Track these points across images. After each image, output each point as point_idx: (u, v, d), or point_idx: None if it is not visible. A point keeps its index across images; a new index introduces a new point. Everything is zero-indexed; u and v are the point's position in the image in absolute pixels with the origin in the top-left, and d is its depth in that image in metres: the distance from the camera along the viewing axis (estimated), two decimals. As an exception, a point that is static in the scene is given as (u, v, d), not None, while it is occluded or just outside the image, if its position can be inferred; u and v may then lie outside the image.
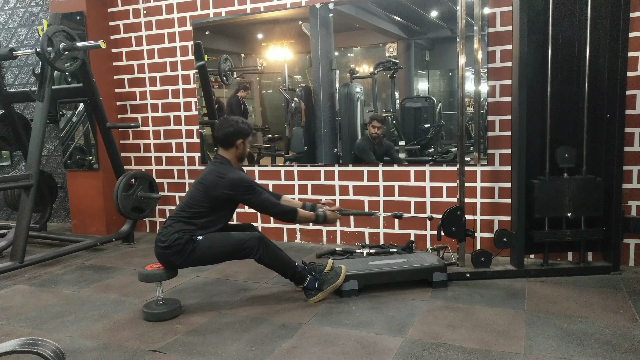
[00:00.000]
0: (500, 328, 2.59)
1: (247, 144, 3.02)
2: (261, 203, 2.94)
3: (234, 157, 3.00)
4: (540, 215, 3.27)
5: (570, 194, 3.22)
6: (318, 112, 4.36)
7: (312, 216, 3.07)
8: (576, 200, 3.23)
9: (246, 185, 2.90)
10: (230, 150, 2.99)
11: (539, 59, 3.28)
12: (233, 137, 2.95)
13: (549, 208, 3.25)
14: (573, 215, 3.23)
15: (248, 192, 2.90)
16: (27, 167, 3.90)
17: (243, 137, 2.97)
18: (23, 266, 3.79)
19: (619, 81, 3.18)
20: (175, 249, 2.81)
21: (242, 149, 3.00)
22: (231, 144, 2.97)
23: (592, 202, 3.24)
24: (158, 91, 4.89)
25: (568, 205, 3.23)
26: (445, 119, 4.27)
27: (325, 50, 4.29)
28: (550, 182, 3.25)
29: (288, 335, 2.59)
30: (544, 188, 3.24)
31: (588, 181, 3.24)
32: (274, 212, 2.99)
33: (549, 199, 3.24)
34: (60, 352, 1.48)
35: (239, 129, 2.95)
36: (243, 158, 3.06)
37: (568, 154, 3.24)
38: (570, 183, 3.22)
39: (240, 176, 2.92)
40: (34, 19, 5.53)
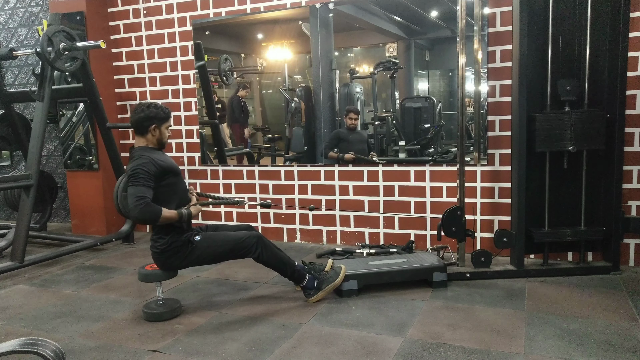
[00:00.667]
0: (500, 328, 2.59)
1: (163, 130, 2.83)
2: (130, 194, 2.63)
3: (152, 144, 2.83)
4: (542, 149, 3.23)
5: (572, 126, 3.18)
6: (318, 112, 4.36)
7: (175, 215, 2.74)
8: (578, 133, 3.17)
9: (132, 172, 2.67)
10: (147, 137, 2.82)
11: (539, 59, 3.28)
12: (146, 123, 2.79)
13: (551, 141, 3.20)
14: (575, 148, 3.18)
15: (130, 179, 2.66)
16: (27, 167, 3.90)
17: (157, 123, 2.80)
18: (23, 266, 3.78)
19: (619, 81, 3.18)
20: (171, 252, 2.80)
21: (159, 134, 2.83)
22: (145, 129, 2.80)
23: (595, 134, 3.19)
24: (158, 91, 4.89)
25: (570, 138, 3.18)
26: (445, 119, 4.27)
27: (325, 50, 4.29)
28: (551, 114, 3.20)
29: (288, 335, 2.59)
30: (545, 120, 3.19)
31: (590, 113, 3.18)
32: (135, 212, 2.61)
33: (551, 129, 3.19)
34: (60, 352, 1.48)
35: (150, 114, 2.78)
36: (163, 144, 2.87)
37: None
38: (572, 116, 3.18)
39: (135, 163, 2.70)
40: (34, 19, 5.53)
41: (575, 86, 3.21)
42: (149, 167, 2.70)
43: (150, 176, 2.69)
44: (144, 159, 2.72)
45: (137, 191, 2.63)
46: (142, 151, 2.79)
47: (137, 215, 2.64)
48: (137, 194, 2.62)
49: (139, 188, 2.64)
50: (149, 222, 2.75)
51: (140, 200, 2.61)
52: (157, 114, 2.80)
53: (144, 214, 2.63)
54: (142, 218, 2.68)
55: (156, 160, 2.76)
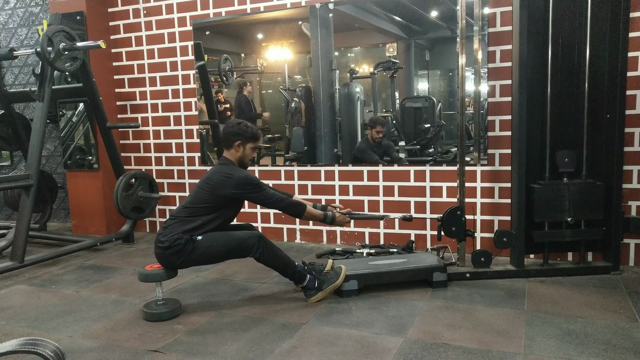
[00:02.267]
0: (500, 328, 2.59)
1: (247, 148, 3.00)
2: (268, 198, 2.96)
3: (235, 160, 3.01)
4: (540, 219, 3.28)
5: (570, 198, 3.22)
6: (318, 112, 4.36)
7: (321, 215, 3.10)
8: (576, 204, 3.22)
9: (253, 184, 2.94)
10: (230, 152, 3.01)
11: (539, 59, 3.28)
12: (232, 138, 2.98)
13: (549, 211, 3.25)
14: (573, 219, 3.24)
15: (254, 190, 2.93)
16: (27, 167, 3.90)
17: (242, 140, 2.97)
18: (23, 266, 3.78)
19: (619, 81, 3.18)
20: (174, 249, 2.81)
21: (242, 152, 3.00)
22: (230, 144, 2.99)
23: (592, 205, 3.23)
24: (158, 91, 4.89)
25: (568, 209, 3.22)
26: (445, 119, 4.27)
27: (325, 50, 4.29)
28: (550, 186, 3.25)
29: (288, 335, 2.59)
30: (543, 192, 3.23)
31: (588, 185, 3.23)
32: (281, 205, 3.00)
33: (549, 202, 3.23)
34: (60, 352, 1.48)
35: (239, 130, 2.97)
36: (244, 163, 3.04)
37: (568, 158, 3.24)
38: (570, 187, 3.22)
39: (246, 175, 2.95)
40: (34, 19, 5.53)
41: (574, 158, 3.24)
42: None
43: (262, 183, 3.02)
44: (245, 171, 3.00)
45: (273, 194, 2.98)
46: (234, 164, 3.00)
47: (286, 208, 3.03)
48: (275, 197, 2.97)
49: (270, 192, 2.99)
50: (295, 214, 3.06)
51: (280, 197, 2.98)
52: (245, 132, 2.98)
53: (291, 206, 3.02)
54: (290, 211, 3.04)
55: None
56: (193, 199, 2.97)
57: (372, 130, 4.21)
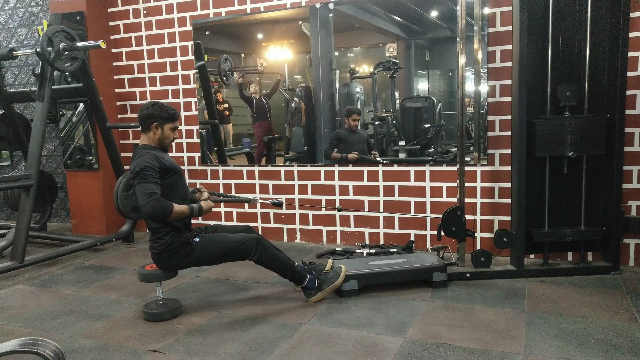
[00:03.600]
0: (500, 328, 2.59)
1: (166, 129, 2.84)
2: (139, 192, 2.65)
3: (153, 143, 2.85)
4: (542, 154, 3.24)
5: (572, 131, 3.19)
6: (318, 112, 4.36)
7: (187, 210, 2.78)
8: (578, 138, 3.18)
9: (138, 169, 2.68)
10: (149, 135, 2.85)
11: (539, 59, 3.28)
12: (148, 120, 2.82)
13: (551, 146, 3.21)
14: (574, 153, 3.19)
15: (136, 176, 2.67)
16: (27, 167, 3.90)
17: (159, 121, 2.82)
18: (23, 266, 3.78)
19: (619, 81, 3.18)
20: (170, 252, 2.80)
21: (160, 134, 2.84)
22: (147, 127, 2.84)
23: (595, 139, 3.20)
24: (158, 91, 4.89)
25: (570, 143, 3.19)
26: (445, 119, 4.28)
27: (325, 50, 4.29)
28: (551, 120, 3.21)
29: (288, 335, 2.59)
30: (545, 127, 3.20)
31: (590, 119, 3.19)
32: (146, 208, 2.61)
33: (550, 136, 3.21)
34: (60, 352, 1.48)
35: (153, 112, 2.81)
36: (164, 145, 2.87)
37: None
38: (572, 121, 3.19)
39: (140, 159, 2.72)
40: (34, 19, 5.53)
41: (575, 91, 3.21)
42: (154, 163, 2.71)
43: (156, 172, 2.71)
44: (148, 156, 2.74)
45: (145, 188, 2.63)
46: (144, 149, 2.82)
47: (149, 211, 2.63)
48: (146, 190, 2.63)
49: (147, 185, 2.64)
50: (160, 218, 2.69)
51: (150, 196, 2.62)
52: (160, 113, 2.82)
53: (155, 209, 2.62)
54: (153, 214, 2.65)
55: (158, 157, 2.78)
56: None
57: (349, 119, 4.33)
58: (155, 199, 2.62)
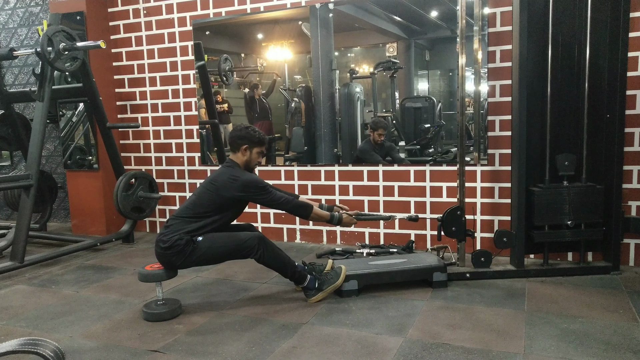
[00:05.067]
0: (500, 328, 2.59)
1: (254, 153, 3.02)
2: (275, 200, 2.97)
3: (241, 163, 3.03)
4: (540, 222, 3.28)
5: (570, 201, 3.22)
6: (318, 112, 4.36)
7: (327, 216, 3.09)
8: (576, 207, 3.22)
9: (259, 186, 2.95)
10: (237, 155, 3.03)
11: (539, 59, 3.28)
12: (239, 141, 3.00)
13: (549, 215, 3.25)
14: (573, 222, 3.24)
15: (260, 192, 2.95)
16: (27, 167, 3.90)
17: (248, 144, 2.99)
18: (23, 266, 3.78)
19: (619, 81, 3.18)
20: (175, 250, 2.81)
21: (248, 156, 3.02)
22: (237, 147, 3.01)
23: (592, 209, 3.24)
24: (158, 91, 4.89)
25: (568, 213, 3.22)
26: (445, 119, 4.28)
27: (325, 50, 4.29)
28: (549, 190, 3.24)
29: (288, 335, 2.59)
30: (543, 196, 3.23)
31: (588, 189, 3.23)
32: (288, 207, 3.00)
33: (549, 206, 3.24)
34: (60, 352, 1.48)
35: (246, 134, 3.00)
36: (249, 167, 3.06)
37: (568, 162, 3.24)
38: (570, 191, 3.22)
39: (252, 178, 2.97)
40: (34, 19, 5.53)
41: (574, 161, 3.23)
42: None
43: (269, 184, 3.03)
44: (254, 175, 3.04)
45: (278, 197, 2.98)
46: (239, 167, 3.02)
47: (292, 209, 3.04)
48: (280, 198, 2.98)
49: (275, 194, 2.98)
50: (302, 215, 3.06)
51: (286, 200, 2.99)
52: (252, 136, 3.00)
53: (297, 207, 3.02)
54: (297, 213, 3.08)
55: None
56: (197, 199, 2.97)
57: (374, 133, 4.22)
58: (292, 200, 3.02)
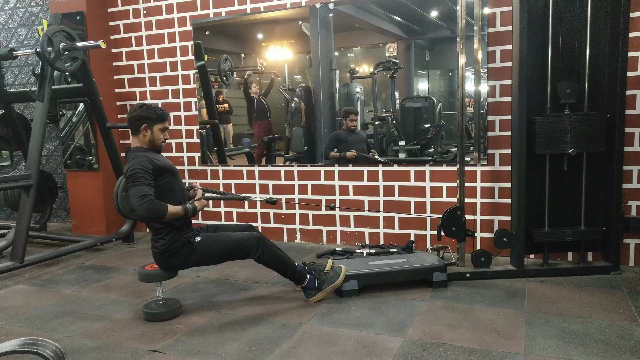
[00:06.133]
0: (500, 328, 2.59)
1: (155, 131, 2.81)
2: (134, 195, 2.63)
3: (144, 145, 2.83)
4: (542, 151, 3.23)
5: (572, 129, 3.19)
6: (318, 112, 4.36)
7: (181, 211, 2.75)
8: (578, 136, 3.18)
9: (130, 172, 2.67)
10: (139, 137, 2.82)
11: (539, 59, 3.28)
12: (137, 122, 2.80)
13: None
14: (575, 150, 3.19)
15: (129, 180, 2.67)
16: (27, 167, 3.90)
17: (148, 122, 2.78)
18: (23, 266, 3.78)
19: (619, 81, 3.18)
20: (172, 252, 2.80)
21: (150, 135, 2.81)
22: (136, 129, 2.81)
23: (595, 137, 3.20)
24: (158, 91, 4.89)
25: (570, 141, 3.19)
26: (445, 119, 4.28)
27: (325, 50, 4.29)
28: (551, 117, 3.21)
29: (288, 335, 2.59)
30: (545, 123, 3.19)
31: (590, 116, 3.19)
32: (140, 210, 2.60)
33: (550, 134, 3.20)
34: (60, 352, 1.48)
35: (141, 114, 2.79)
36: (156, 147, 2.84)
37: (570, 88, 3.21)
38: (572, 118, 3.18)
39: (132, 164, 2.70)
40: (34, 19, 5.53)
41: (575, 88, 3.21)
42: (146, 165, 2.70)
43: (149, 174, 2.69)
44: (140, 158, 2.72)
45: (139, 191, 2.62)
46: (136, 151, 2.80)
47: (143, 214, 2.62)
48: (139, 193, 2.62)
49: (140, 187, 2.63)
50: (155, 220, 2.71)
51: (144, 198, 2.60)
52: (149, 114, 2.79)
53: (150, 212, 2.61)
54: (148, 216, 2.66)
55: (152, 158, 2.76)
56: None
57: (347, 120, 4.34)
58: (149, 201, 2.61)
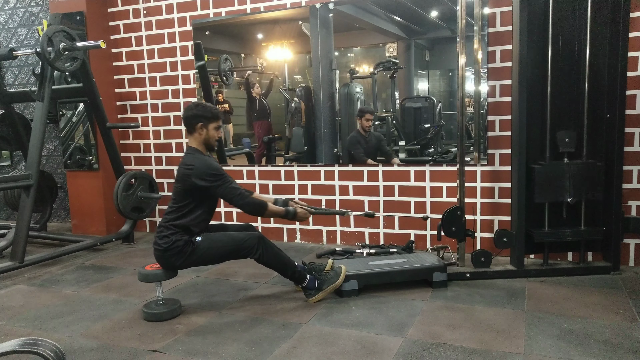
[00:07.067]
0: (500, 328, 2.59)
1: (210, 129, 2.90)
2: (228, 193, 2.82)
3: (200, 145, 2.92)
4: (541, 200, 3.25)
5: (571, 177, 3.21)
6: (318, 112, 4.36)
7: (282, 211, 2.97)
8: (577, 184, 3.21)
9: (213, 173, 2.81)
10: (194, 136, 2.91)
11: (539, 59, 3.28)
12: (193, 121, 2.88)
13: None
14: (573, 200, 3.21)
15: (216, 180, 2.81)
16: (27, 167, 3.90)
17: (203, 121, 2.87)
18: (23, 266, 3.79)
19: (619, 81, 3.18)
20: (174, 251, 2.81)
21: (206, 134, 2.89)
22: (192, 128, 2.89)
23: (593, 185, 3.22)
24: (158, 91, 4.89)
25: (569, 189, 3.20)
26: (445, 119, 4.28)
27: (325, 50, 4.29)
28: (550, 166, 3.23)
29: (288, 335, 2.59)
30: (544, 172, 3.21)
31: (588, 165, 3.22)
32: (242, 202, 2.84)
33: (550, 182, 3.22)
34: (60, 352, 1.48)
35: (197, 112, 2.87)
36: (210, 145, 2.94)
37: (568, 138, 3.23)
38: (571, 167, 3.21)
39: (207, 164, 2.83)
40: (34, 19, 5.53)
41: (574, 137, 3.23)
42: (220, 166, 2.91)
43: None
44: (210, 159, 2.92)
45: (233, 188, 2.83)
46: (200, 153, 2.91)
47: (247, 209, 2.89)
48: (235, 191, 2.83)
49: (232, 185, 2.83)
50: (258, 213, 2.95)
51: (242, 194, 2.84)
52: (204, 113, 2.88)
53: (252, 206, 2.88)
54: (252, 211, 2.91)
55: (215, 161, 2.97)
56: (173, 196, 2.92)
57: (362, 120, 4.24)
58: (247, 196, 2.87)
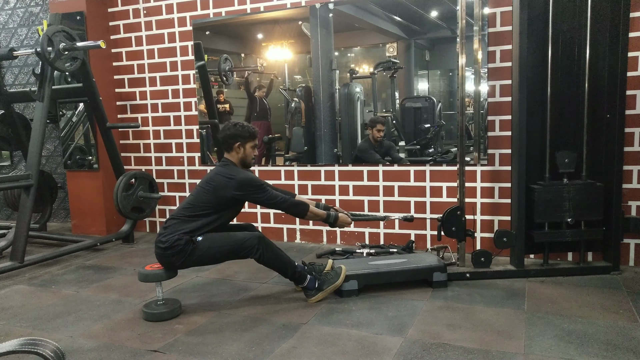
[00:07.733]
0: (500, 328, 2.59)
1: (247, 148, 3.01)
2: (271, 199, 2.96)
3: (236, 161, 3.03)
4: (541, 220, 3.28)
5: (570, 198, 3.22)
6: (318, 112, 4.36)
7: (324, 214, 3.07)
8: (576, 204, 3.22)
9: (255, 185, 2.95)
10: (231, 154, 3.02)
11: (539, 59, 3.28)
12: (231, 140, 2.99)
13: (549, 213, 3.25)
14: (573, 220, 3.24)
15: (257, 191, 2.95)
16: (27, 167, 3.90)
17: (241, 141, 2.98)
18: (23, 266, 3.78)
19: (619, 81, 3.18)
20: (175, 250, 2.81)
21: (243, 153, 3.01)
22: (229, 146, 3.00)
23: (593, 206, 3.23)
24: (158, 91, 4.89)
25: (568, 209, 3.22)
26: (445, 119, 4.27)
27: (325, 50, 4.28)
28: (550, 187, 3.24)
29: (288, 335, 2.59)
30: (543, 193, 3.23)
31: (588, 186, 3.23)
32: (284, 206, 2.99)
33: (549, 203, 3.23)
34: (60, 352, 1.48)
35: (235, 132, 2.98)
36: (246, 163, 3.05)
37: (568, 159, 3.24)
38: (570, 188, 3.22)
39: (248, 177, 2.96)
40: (34, 19, 5.53)
41: (573, 159, 3.24)
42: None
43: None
44: (247, 172, 3.02)
45: (275, 195, 2.97)
46: (235, 166, 3.01)
47: (290, 211, 3.03)
48: (276, 197, 2.97)
49: (272, 193, 2.97)
50: (299, 215, 3.06)
51: (282, 199, 2.98)
52: (242, 133, 2.98)
53: (294, 207, 3.01)
54: (294, 213, 3.04)
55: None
56: (194, 200, 2.97)
57: (373, 130, 4.22)
58: (288, 199, 3.01)
